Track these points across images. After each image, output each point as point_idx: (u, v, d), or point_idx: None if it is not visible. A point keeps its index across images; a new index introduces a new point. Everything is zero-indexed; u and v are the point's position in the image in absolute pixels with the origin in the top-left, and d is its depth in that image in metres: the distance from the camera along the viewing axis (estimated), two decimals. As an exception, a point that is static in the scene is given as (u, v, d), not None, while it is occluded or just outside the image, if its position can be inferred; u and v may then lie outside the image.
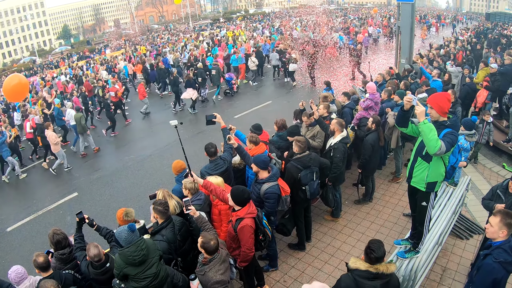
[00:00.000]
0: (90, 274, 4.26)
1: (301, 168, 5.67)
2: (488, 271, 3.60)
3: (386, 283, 3.40)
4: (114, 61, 27.84)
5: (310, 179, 5.70)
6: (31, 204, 10.21)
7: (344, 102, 8.59)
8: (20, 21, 60.35)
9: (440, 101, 4.05)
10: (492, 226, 3.65)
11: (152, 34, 50.98)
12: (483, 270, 3.67)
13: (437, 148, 3.80)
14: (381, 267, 3.38)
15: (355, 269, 3.46)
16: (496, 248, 3.62)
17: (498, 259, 3.53)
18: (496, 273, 3.53)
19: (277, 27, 36.09)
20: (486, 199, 5.44)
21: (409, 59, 12.65)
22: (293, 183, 5.73)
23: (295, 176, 5.67)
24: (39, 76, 30.76)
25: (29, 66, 46.76)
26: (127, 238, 3.60)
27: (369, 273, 3.39)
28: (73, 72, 27.56)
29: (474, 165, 9.57)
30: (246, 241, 4.42)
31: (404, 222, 7.07)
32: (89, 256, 4.20)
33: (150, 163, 11.70)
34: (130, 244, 3.58)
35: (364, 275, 3.39)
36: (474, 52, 17.17)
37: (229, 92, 17.74)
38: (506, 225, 3.56)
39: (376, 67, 17.52)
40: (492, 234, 3.68)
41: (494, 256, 3.58)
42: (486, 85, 10.83)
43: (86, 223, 4.89)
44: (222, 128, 5.90)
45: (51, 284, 3.80)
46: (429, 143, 3.87)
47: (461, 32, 27.71)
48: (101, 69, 24.32)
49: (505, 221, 3.56)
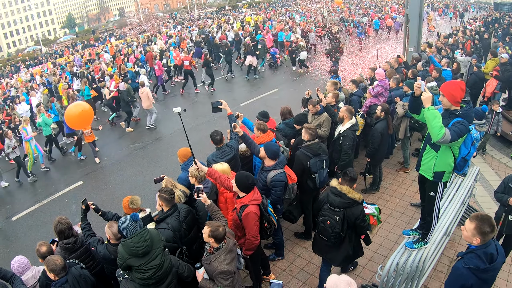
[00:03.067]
0: (111, 254, 4.25)
1: (311, 156, 5.60)
2: (456, 276, 3.40)
3: (347, 204, 4.41)
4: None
5: (319, 167, 5.63)
6: (36, 193, 10.23)
7: (352, 90, 8.47)
8: (24, 10, 60.32)
9: (452, 90, 3.93)
10: (466, 231, 3.36)
11: (157, 22, 50.80)
12: (452, 273, 3.48)
13: (441, 135, 3.69)
14: (344, 189, 4.42)
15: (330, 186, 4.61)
16: (470, 252, 3.37)
17: (468, 265, 3.29)
18: (465, 279, 3.29)
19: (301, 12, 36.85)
20: (498, 193, 5.35)
21: (417, 47, 12.45)
22: (302, 171, 5.66)
23: (304, 164, 5.60)
24: (79, 54, 32.18)
25: (34, 55, 46.80)
26: (129, 228, 3.55)
27: (335, 190, 4.47)
28: (110, 51, 28.07)
29: (482, 156, 9.45)
30: (251, 229, 4.36)
31: (412, 212, 7.01)
32: (112, 233, 4.25)
33: (155, 151, 11.67)
34: (133, 235, 3.53)
35: (332, 189, 4.52)
36: (482, 42, 16.94)
37: (273, 65, 19.53)
38: (480, 233, 3.27)
39: (384, 56, 17.40)
40: (466, 238, 3.43)
41: (465, 261, 3.34)
42: (496, 74, 10.67)
43: (92, 209, 4.89)
44: (229, 115, 5.82)
45: (58, 257, 3.89)
46: (432, 130, 3.77)
47: (469, 22, 27.35)
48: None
49: (480, 229, 3.26)
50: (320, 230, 4.64)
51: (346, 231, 4.49)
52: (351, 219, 4.41)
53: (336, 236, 4.48)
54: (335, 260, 4.83)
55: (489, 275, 3.35)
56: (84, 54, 31.23)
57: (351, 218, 4.41)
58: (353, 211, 4.40)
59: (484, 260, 3.29)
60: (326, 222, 4.50)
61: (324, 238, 4.60)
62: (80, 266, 4.24)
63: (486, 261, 3.29)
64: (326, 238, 4.57)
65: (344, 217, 4.41)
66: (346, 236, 4.55)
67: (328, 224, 4.48)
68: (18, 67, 41.62)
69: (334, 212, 4.45)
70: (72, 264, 4.18)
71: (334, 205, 4.46)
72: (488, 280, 3.39)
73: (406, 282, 4.65)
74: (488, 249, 3.32)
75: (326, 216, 4.52)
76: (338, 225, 4.41)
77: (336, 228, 4.43)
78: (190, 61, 16.42)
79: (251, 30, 23.68)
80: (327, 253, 4.83)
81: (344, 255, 4.68)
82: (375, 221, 4.84)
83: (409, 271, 4.47)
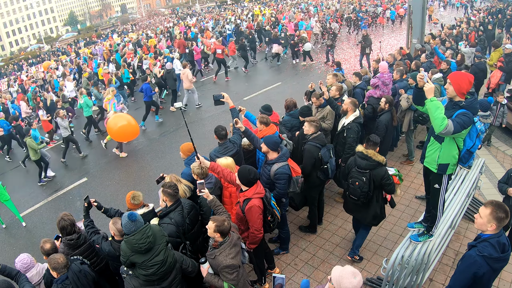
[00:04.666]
0: (116, 250, 4.26)
1: (320, 146, 5.65)
2: (469, 264, 3.38)
3: (372, 166, 4.96)
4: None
5: (329, 157, 5.72)
6: (41, 190, 10.26)
7: (356, 83, 8.42)
8: (26, 9, 60.44)
9: (460, 80, 3.88)
10: (481, 217, 3.36)
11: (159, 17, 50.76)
12: (465, 261, 3.46)
13: (443, 127, 3.65)
14: (370, 152, 4.98)
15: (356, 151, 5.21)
16: (483, 241, 3.37)
17: (482, 253, 3.29)
18: (478, 267, 3.30)
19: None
20: (501, 182, 5.34)
21: (421, 39, 12.35)
22: (313, 164, 5.68)
23: (315, 156, 5.63)
24: (101, 44, 33.12)
25: (37, 53, 46.87)
26: (125, 226, 3.55)
27: (361, 154, 5.05)
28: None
29: (487, 148, 9.38)
30: (254, 222, 4.36)
31: (417, 204, 6.98)
32: (117, 229, 4.27)
33: (159, 146, 11.67)
34: (135, 232, 3.51)
35: (359, 154, 5.10)
36: (486, 33, 16.78)
37: (295, 53, 19.52)
38: (496, 218, 3.28)
39: (387, 48, 17.31)
40: (480, 226, 3.41)
41: (479, 249, 3.34)
42: (500, 65, 10.57)
43: (94, 207, 4.88)
44: (231, 108, 5.79)
45: (60, 256, 3.91)
46: (434, 121, 3.74)
47: (473, 13, 27.10)
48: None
49: (496, 214, 3.27)
50: (350, 191, 5.22)
51: (373, 191, 5.06)
52: (377, 179, 4.96)
53: (365, 195, 5.05)
54: (364, 219, 5.37)
55: (500, 264, 3.38)
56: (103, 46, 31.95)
57: (377, 178, 4.96)
58: (378, 172, 4.96)
59: (498, 249, 3.30)
60: (355, 183, 5.09)
61: (354, 198, 5.17)
62: (80, 262, 4.24)
63: (499, 250, 3.31)
64: (356, 197, 5.15)
65: (370, 177, 4.97)
66: (374, 196, 5.12)
67: (357, 185, 5.07)
68: (21, 65, 41.71)
69: (362, 174, 5.02)
70: (74, 260, 4.19)
71: (361, 167, 5.03)
72: (498, 270, 3.42)
73: (411, 275, 4.63)
74: (501, 238, 3.34)
75: (354, 178, 5.10)
76: (366, 185, 4.99)
77: (364, 188, 5.01)
78: (222, 50, 16.95)
79: (260, 21, 24.64)
80: (357, 212, 5.42)
81: (372, 214, 5.23)
82: (398, 181, 5.32)
83: (414, 264, 4.45)
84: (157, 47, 22.29)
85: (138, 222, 3.55)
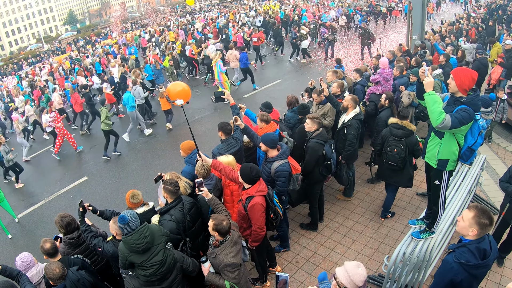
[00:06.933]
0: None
1: (323, 143, 5.67)
2: (446, 269, 3.28)
3: (407, 134, 5.78)
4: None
5: (331, 152, 5.78)
6: (41, 189, 10.25)
7: (356, 79, 8.39)
8: (25, 8, 60.28)
9: (463, 76, 3.84)
10: (464, 220, 3.21)
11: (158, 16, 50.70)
12: (442, 267, 3.38)
13: (440, 120, 3.62)
14: (404, 122, 5.80)
15: (390, 123, 5.99)
16: (462, 247, 3.24)
17: (459, 260, 3.16)
18: (455, 274, 3.19)
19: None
20: (503, 181, 5.24)
21: (421, 35, 12.30)
22: (316, 161, 5.68)
23: (319, 153, 5.65)
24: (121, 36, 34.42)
25: (36, 53, 46.79)
26: (120, 228, 3.54)
27: (397, 125, 5.86)
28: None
29: (488, 144, 9.34)
30: (257, 220, 4.34)
31: (418, 201, 6.95)
32: (118, 229, 4.19)
33: (159, 144, 11.65)
34: (132, 232, 3.49)
35: (394, 125, 5.90)
36: (487, 29, 16.72)
37: (322, 42, 20.36)
38: (478, 223, 3.12)
39: (387, 45, 17.28)
40: (461, 229, 3.26)
41: (456, 255, 3.21)
42: (501, 61, 10.53)
43: (89, 211, 4.83)
44: (232, 105, 5.77)
45: (56, 267, 3.79)
46: (431, 115, 3.71)
47: (473, 9, 26.99)
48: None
49: (479, 219, 3.11)
50: (389, 158, 5.90)
51: (408, 156, 5.80)
52: (411, 145, 5.77)
53: (402, 160, 5.80)
54: (401, 182, 6.13)
55: (480, 271, 3.25)
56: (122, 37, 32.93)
57: (411, 145, 5.77)
58: (411, 139, 5.79)
59: (477, 255, 3.17)
60: (393, 150, 5.84)
61: (393, 164, 5.87)
62: (81, 262, 4.22)
63: (479, 256, 3.18)
64: (394, 163, 5.86)
65: (406, 144, 5.75)
66: (407, 161, 5.85)
67: (395, 151, 5.82)
68: (20, 65, 41.67)
69: (399, 141, 5.80)
70: (76, 260, 4.16)
71: (398, 136, 5.81)
72: (479, 276, 3.30)
73: (413, 272, 4.62)
74: (481, 244, 3.20)
75: (393, 146, 5.86)
76: (403, 151, 5.76)
77: (402, 154, 5.77)
78: (258, 38, 17.82)
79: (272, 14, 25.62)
80: (393, 177, 6.13)
81: (407, 177, 6.02)
82: (421, 145, 5.92)
83: (416, 261, 4.43)
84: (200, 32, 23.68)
85: (129, 224, 3.51)
